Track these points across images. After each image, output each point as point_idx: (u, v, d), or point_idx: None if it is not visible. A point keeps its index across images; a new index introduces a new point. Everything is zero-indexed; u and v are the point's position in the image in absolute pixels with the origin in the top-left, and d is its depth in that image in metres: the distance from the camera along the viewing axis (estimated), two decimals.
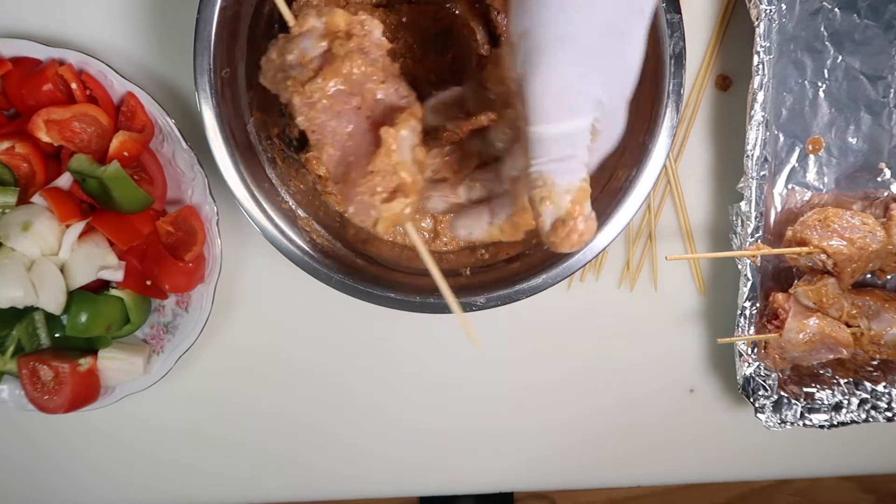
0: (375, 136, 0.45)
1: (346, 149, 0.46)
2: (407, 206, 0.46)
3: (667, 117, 0.58)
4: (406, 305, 0.59)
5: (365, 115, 0.46)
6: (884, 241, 0.65)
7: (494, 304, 0.59)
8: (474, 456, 0.76)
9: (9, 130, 0.64)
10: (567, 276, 0.59)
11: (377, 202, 0.45)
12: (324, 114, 0.45)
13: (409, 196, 0.45)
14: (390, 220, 0.46)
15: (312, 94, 0.45)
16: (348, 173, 0.46)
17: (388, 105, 0.46)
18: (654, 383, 0.75)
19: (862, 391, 0.71)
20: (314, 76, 0.45)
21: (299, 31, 0.46)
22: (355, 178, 0.45)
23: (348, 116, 0.46)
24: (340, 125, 0.46)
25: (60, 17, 0.67)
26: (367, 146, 0.45)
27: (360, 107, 0.46)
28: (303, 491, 0.76)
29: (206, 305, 0.66)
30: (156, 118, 0.64)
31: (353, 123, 0.46)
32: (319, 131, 0.46)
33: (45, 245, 0.62)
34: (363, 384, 0.74)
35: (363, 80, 0.45)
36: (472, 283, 0.61)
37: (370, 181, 0.45)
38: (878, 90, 0.69)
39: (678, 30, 0.56)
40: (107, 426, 0.73)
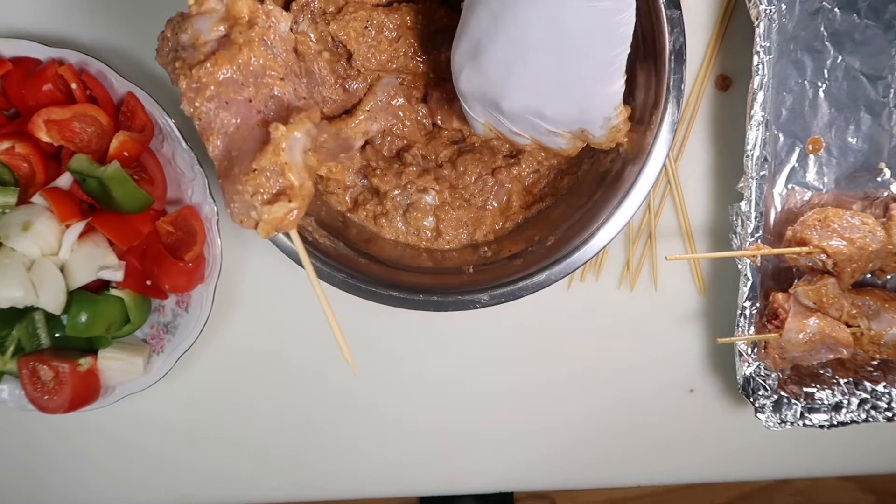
0: (264, 134, 0.42)
1: (231, 143, 0.43)
2: (291, 210, 0.43)
3: (668, 113, 0.58)
4: (409, 303, 0.59)
5: (256, 109, 0.43)
6: (884, 241, 0.65)
7: (498, 301, 0.59)
8: (474, 456, 0.76)
9: (9, 130, 0.64)
10: (569, 273, 0.59)
11: (258, 203, 0.42)
12: (210, 102, 0.43)
13: (293, 200, 0.43)
14: (271, 224, 0.43)
15: (200, 79, 0.42)
16: (231, 169, 0.43)
17: (284, 103, 0.44)
18: (654, 383, 0.75)
19: (862, 391, 0.71)
20: (204, 60, 0.43)
21: (197, 11, 0.44)
22: (238, 175, 0.42)
23: (237, 108, 0.43)
24: (228, 116, 0.43)
25: (60, 17, 0.67)
26: (254, 142, 0.43)
27: (251, 100, 0.43)
28: (303, 491, 0.76)
29: (206, 305, 0.66)
30: (156, 118, 0.64)
31: (242, 116, 0.43)
32: (205, 120, 0.43)
33: (45, 245, 0.62)
34: (363, 384, 0.74)
35: (260, 72, 0.43)
36: (476, 281, 0.61)
37: (253, 179, 0.42)
38: (878, 90, 0.69)
39: (678, 25, 0.56)
40: (107, 426, 0.73)
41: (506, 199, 0.65)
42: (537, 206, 0.66)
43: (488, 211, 0.65)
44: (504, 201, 0.65)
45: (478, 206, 0.65)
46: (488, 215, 0.65)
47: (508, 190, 0.65)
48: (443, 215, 0.64)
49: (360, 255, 0.62)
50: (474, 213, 0.65)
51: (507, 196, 0.65)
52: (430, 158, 0.65)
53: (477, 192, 0.65)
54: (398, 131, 0.63)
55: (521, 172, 0.65)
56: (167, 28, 0.45)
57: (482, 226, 0.65)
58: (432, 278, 0.62)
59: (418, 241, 0.65)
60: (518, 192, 0.65)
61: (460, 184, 0.65)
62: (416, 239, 0.65)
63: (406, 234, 0.65)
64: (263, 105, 0.44)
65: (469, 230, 0.65)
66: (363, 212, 0.65)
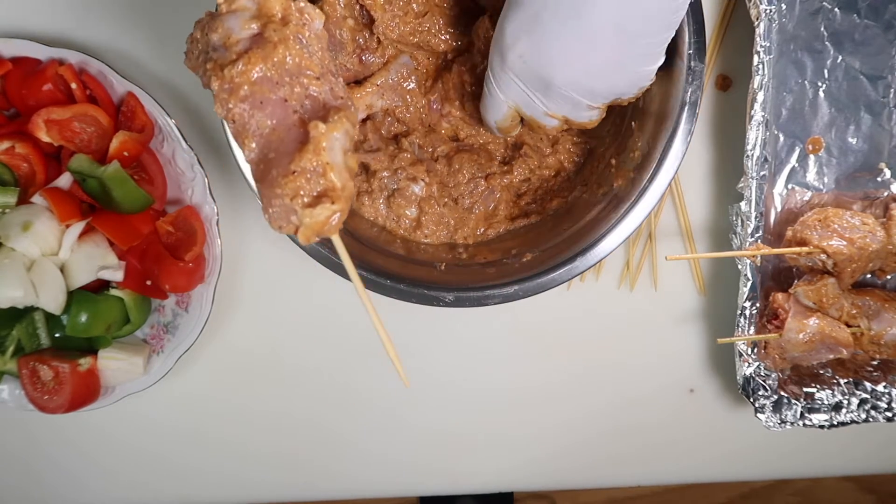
0: (302, 134, 0.40)
1: (267, 145, 0.41)
2: (334, 213, 0.40)
3: (670, 155, 0.57)
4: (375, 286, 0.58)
5: (293, 108, 0.41)
6: (884, 241, 0.65)
7: (462, 304, 0.59)
8: (474, 456, 0.76)
9: (9, 130, 0.64)
10: (540, 292, 0.59)
11: (298, 206, 0.40)
12: (244, 102, 0.41)
13: (336, 203, 0.40)
14: (312, 229, 0.40)
15: (233, 79, 0.40)
16: (268, 171, 0.41)
17: (321, 103, 0.41)
18: (654, 383, 0.75)
19: (862, 391, 0.71)
20: (236, 59, 0.41)
21: (227, 10, 0.42)
22: (276, 178, 0.40)
23: (273, 108, 0.41)
24: (263, 117, 0.41)
25: (60, 17, 0.67)
26: (291, 143, 0.40)
27: (287, 99, 0.41)
28: (303, 491, 0.76)
29: (206, 305, 0.66)
30: (156, 118, 0.64)
31: (278, 117, 0.41)
32: (239, 122, 0.41)
33: (45, 245, 0.62)
34: (363, 383, 0.74)
35: (295, 71, 0.41)
36: (446, 280, 0.60)
37: (293, 181, 0.40)
38: (878, 90, 0.69)
39: (698, 78, 0.56)
40: (107, 426, 0.73)
41: (493, 205, 0.65)
42: (522, 221, 0.66)
43: (473, 214, 0.65)
44: (491, 208, 0.65)
45: (464, 207, 0.65)
46: (472, 219, 0.65)
47: (497, 198, 0.65)
48: (427, 208, 0.64)
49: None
50: (459, 213, 0.65)
51: (495, 203, 0.65)
52: (426, 149, 0.65)
53: (466, 193, 0.65)
54: (400, 115, 0.62)
55: (512, 181, 0.65)
56: (196, 29, 0.44)
57: (464, 227, 0.65)
58: (402, 266, 0.61)
59: (396, 227, 0.65)
60: (507, 201, 0.66)
61: (451, 182, 0.64)
62: (394, 225, 0.65)
63: (386, 217, 0.65)
64: (300, 105, 0.41)
65: (450, 229, 0.65)
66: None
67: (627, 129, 0.62)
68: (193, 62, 0.43)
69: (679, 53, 0.56)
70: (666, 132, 0.57)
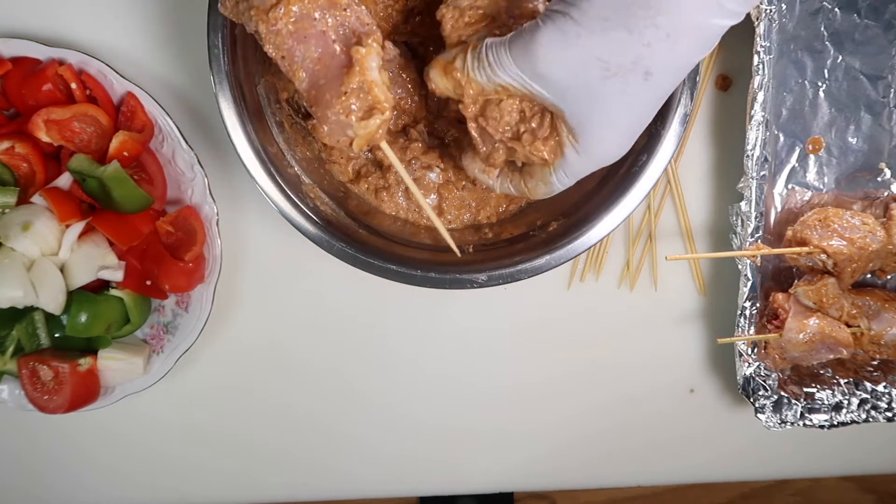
0: (343, 59, 0.47)
1: (316, 73, 0.47)
2: (384, 122, 0.48)
3: (680, 104, 0.57)
4: (406, 278, 0.59)
5: (331, 38, 0.47)
6: (884, 241, 0.65)
7: (496, 282, 0.59)
8: (474, 456, 0.76)
9: (9, 130, 0.64)
10: (571, 258, 0.59)
11: (354, 120, 0.47)
12: (290, 39, 0.47)
13: (384, 113, 0.47)
14: (366, 138, 0.48)
15: (277, 21, 0.46)
16: (321, 95, 0.47)
17: (351, 30, 0.48)
18: (654, 383, 0.75)
19: (862, 391, 0.71)
20: (277, 3, 0.46)
21: None
22: (330, 100, 0.47)
23: (315, 41, 0.47)
24: (309, 49, 0.47)
25: (60, 17, 0.67)
26: (336, 69, 0.47)
27: (325, 31, 0.47)
28: (303, 490, 0.76)
29: (206, 305, 0.66)
30: (156, 118, 0.64)
31: (322, 47, 0.47)
32: (289, 57, 0.47)
33: (45, 245, 0.62)
34: (363, 383, 0.74)
35: (327, 6, 0.47)
36: (475, 260, 0.60)
37: (346, 101, 0.47)
38: (878, 90, 0.69)
39: None
40: (107, 425, 0.73)
41: None
42: None
43: (493, 193, 0.65)
44: None
45: (482, 187, 0.65)
46: (492, 197, 0.65)
47: None
48: (446, 194, 0.64)
49: (360, 226, 0.61)
50: (479, 193, 0.65)
51: None
52: (435, 136, 0.65)
53: None
54: (406, 105, 0.63)
55: None
56: None
57: (486, 207, 0.65)
58: (431, 255, 0.61)
59: (419, 217, 0.65)
60: None
61: None
62: (416, 216, 0.65)
63: (407, 210, 0.65)
64: (335, 34, 0.47)
65: (472, 211, 0.65)
66: (364, 184, 0.64)
67: None
68: (231, 10, 0.49)
69: None
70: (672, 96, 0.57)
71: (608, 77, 0.44)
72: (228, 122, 0.56)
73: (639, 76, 0.44)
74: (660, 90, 0.46)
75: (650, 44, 0.43)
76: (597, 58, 0.44)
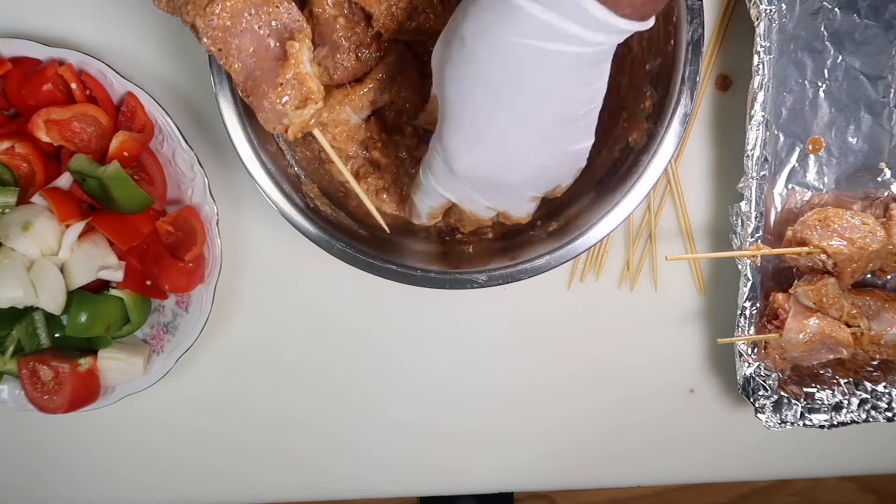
0: (278, 52, 0.50)
1: (251, 65, 0.51)
2: (317, 111, 0.51)
3: (681, 104, 0.57)
4: (406, 278, 0.58)
5: (265, 33, 0.50)
6: (884, 241, 0.65)
7: (496, 282, 0.58)
8: (474, 456, 0.76)
9: (9, 130, 0.64)
10: (571, 259, 0.58)
11: (289, 109, 0.50)
12: (226, 34, 0.49)
13: (317, 102, 0.51)
14: (300, 125, 0.51)
15: (214, 16, 0.49)
16: (258, 87, 0.51)
17: (283, 26, 0.51)
18: (654, 383, 0.75)
19: (862, 391, 0.71)
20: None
21: None
22: (266, 90, 0.50)
23: (250, 35, 0.50)
24: (244, 43, 0.50)
25: (60, 17, 0.67)
26: (271, 61, 0.50)
27: (259, 26, 0.50)
28: (302, 491, 0.76)
29: (206, 305, 0.66)
30: (156, 118, 0.64)
31: (256, 42, 0.50)
32: (225, 50, 0.50)
33: (44, 245, 0.62)
34: (363, 383, 0.74)
35: (261, 3, 0.50)
36: (475, 261, 0.60)
37: (281, 92, 0.50)
38: (878, 90, 0.69)
39: (698, 16, 0.55)
40: (107, 426, 0.73)
41: None
42: None
43: None
44: None
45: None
46: None
47: None
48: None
49: (360, 227, 0.62)
50: None
51: None
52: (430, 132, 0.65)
53: None
54: (407, 105, 0.63)
55: None
56: None
57: None
58: (432, 255, 0.61)
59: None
60: None
61: None
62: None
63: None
64: (269, 29, 0.50)
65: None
66: (364, 184, 0.64)
67: (634, 81, 0.62)
68: (167, 5, 0.51)
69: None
70: (675, 75, 0.57)
71: (445, 47, 0.48)
72: (228, 122, 0.56)
73: (457, 41, 0.47)
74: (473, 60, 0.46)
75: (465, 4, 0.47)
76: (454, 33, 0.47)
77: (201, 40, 0.50)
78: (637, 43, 0.61)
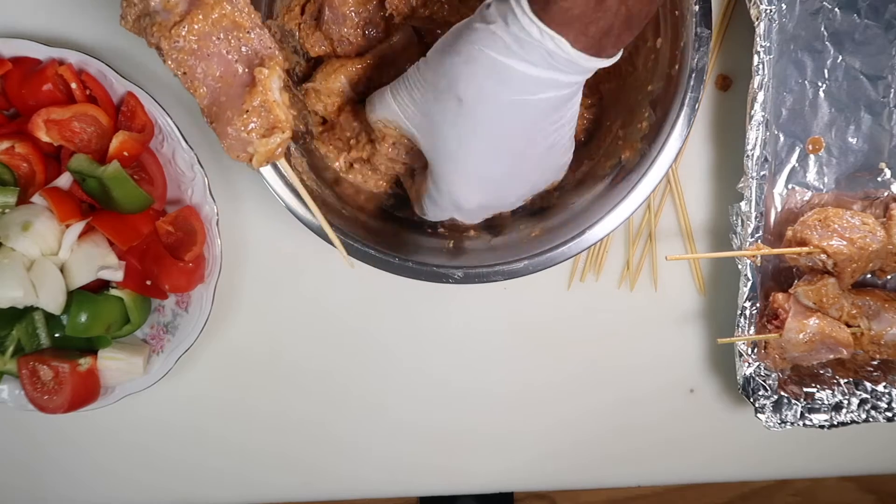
0: (246, 79, 0.49)
1: (217, 90, 0.49)
2: (284, 140, 0.49)
3: (677, 126, 0.57)
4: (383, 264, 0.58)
5: (234, 58, 0.49)
6: (884, 241, 0.65)
7: (471, 280, 0.59)
8: (474, 456, 0.76)
9: (9, 130, 0.64)
10: (551, 266, 0.59)
11: (254, 138, 0.49)
12: (192, 57, 0.48)
13: (285, 132, 0.49)
14: (265, 155, 0.49)
15: (180, 38, 0.48)
16: (222, 113, 0.49)
17: (254, 52, 0.49)
18: (654, 383, 0.75)
19: (862, 391, 0.71)
20: (181, 21, 0.47)
21: None
22: (231, 117, 0.49)
23: (217, 59, 0.49)
24: (210, 67, 0.49)
25: (60, 17, 0.67)
26: (238, 87, 0.49)
27: (228, 51, 0.49)
28: (302, 491, 0.76)
29: (206, 305, 0.66)
30: (156, 118, 0.64)
31: (223, 66, 0.49)
32: (190, 74, 0.49)
33: (44, 245, 0.62)
34: (363, 383, 0.74)
35: (230, 27, 0.48)
36: (454, 257, 0.60)
37: (247, 119, 0.48)
38: (878, 90, 0.69)
39: (705, 45, 0.56)
40: (107, 426, 0.73)
41: None
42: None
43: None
44: None
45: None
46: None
47: None
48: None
49: (344, 207, 0.61)
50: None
51: None
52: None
53: None
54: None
55: None
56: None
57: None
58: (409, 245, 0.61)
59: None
60: None
61: None
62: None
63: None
64: (238, 55, 0.49)
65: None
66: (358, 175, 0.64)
67: (633, 100, 0.62)
68: (133, 25, 0.50)
69: (684, 21, 0.56)
70: (676, 101, 0.58)
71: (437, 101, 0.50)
72: None
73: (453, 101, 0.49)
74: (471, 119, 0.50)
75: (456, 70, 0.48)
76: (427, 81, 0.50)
77: (166, 62, 0.49)
78: (642, 64, 0.61)
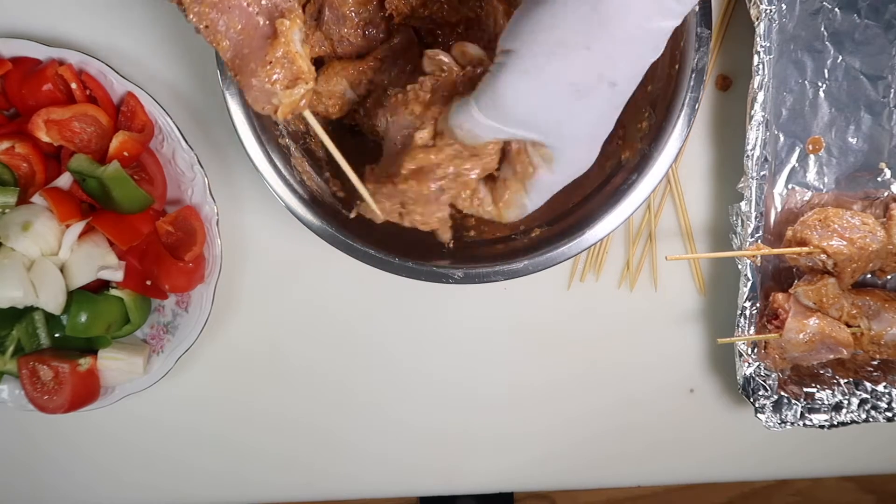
0: (267, 30, 0.49)
1: (240, 42, 0.49)
2: (308, 91, 0.49)
3: (678, 126, 0.57)
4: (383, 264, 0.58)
5: (254, 11, 0.49)
6: (884, 241, 0.65)
7: (471, 280, 0.59)
8: (474, 456, 0.76)
9: (9, 130, 0.64)
10: (550, 266, 0.59)
11: (278, 89, 0.48)
12: (213, 10, 0.48)
13: (308, 83, 0.49)
14: (290, 106, 0.49)
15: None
16: (246, 64, 0.49)
17: (273, 4, 0.49)
18: (654, 383, 0.75)
19: (862, 391, 0.71)
20: None
21: None
22: (255, 69, 0.49)
23: (239, 12, 0.49)
24: (232, 20, 0.49)
25: (60, 17, 0.67)
26: (260, 39, 0.49)
27: (248, 4, 0.49)
28: (302, 491, 0.76)
29: (206, 305, 0.66)
30: (156, 118, 0.64)
31: (245, 18, 0.49)
32: (212, 27, 0.49)
33: (44, 245, 0.62)
34: (363, 384, 0.74)
35: None
36: (454, 257, 0.60)
37: (270, 70, 0.48)
38: (878, 90, 0.69)
39: (705, 45, 0.56)
40: (107, 426, 0.73)
41: None
42: None
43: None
44: None
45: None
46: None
47: None
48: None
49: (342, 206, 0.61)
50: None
51: None
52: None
53: None
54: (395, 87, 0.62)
55: None
56: None
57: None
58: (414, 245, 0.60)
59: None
60: None
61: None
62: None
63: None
64: (258, 7, 0.49)
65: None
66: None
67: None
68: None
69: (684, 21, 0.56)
70: (675, 101, 0.57)
71: (580, 98, 0.45)
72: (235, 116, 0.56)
73: (605, 88, 0.45)
74: (622, 96, 0.47)
75: (611, 55, 0.44)
76: (567, 83, 0.44)
77: (187, 16, 0.49)
78: None
